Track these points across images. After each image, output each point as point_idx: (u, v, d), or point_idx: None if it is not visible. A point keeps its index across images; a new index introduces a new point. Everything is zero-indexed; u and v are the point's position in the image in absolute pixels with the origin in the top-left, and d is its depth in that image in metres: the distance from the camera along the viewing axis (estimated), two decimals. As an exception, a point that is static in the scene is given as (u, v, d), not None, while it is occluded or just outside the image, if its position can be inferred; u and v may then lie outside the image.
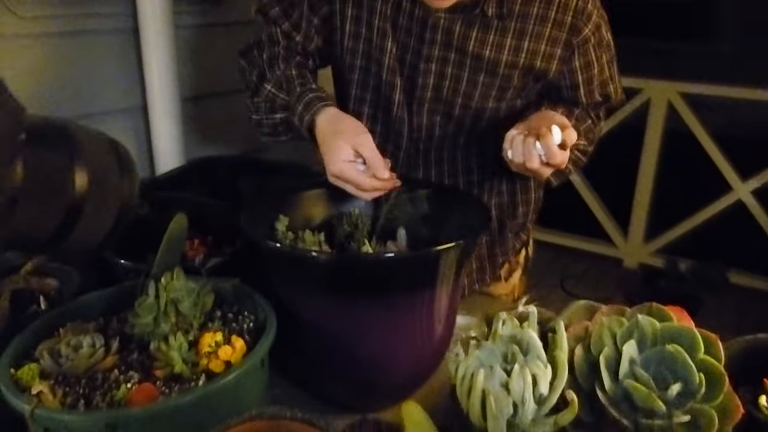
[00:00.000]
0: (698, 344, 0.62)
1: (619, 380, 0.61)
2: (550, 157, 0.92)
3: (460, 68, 1.12)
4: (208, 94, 1.85)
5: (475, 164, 1.26)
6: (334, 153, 0.98)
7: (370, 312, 0.92)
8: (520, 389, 0.59)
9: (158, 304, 0.87)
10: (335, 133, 1.00)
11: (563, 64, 1.13)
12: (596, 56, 1.15)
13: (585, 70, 1.15)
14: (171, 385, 0.83)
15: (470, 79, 1.12)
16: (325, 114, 1.02)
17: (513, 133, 0.99)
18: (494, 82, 1.13)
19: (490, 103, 1.16)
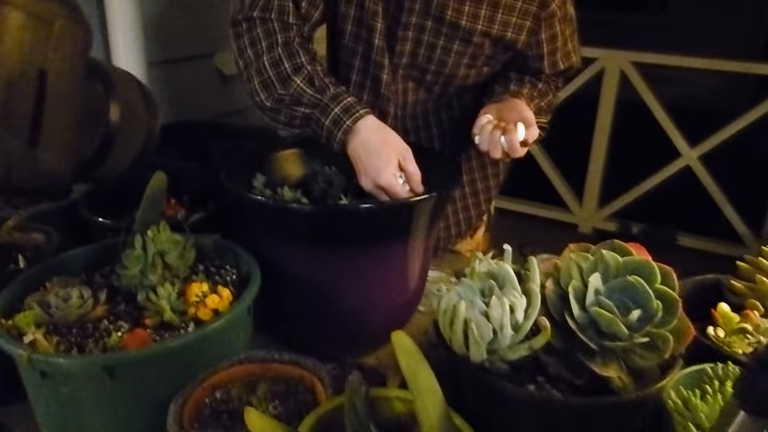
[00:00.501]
0: (656, 275, 0.69)
1: (586, 309, 0.68)
2: (512, 151, 1.04)
3: (436, 36, 1.15)
4: (175, 59, 1.84)
5: (448, 130, 1.32)
6: (386, 164, 0.98)
7: (349, 263, 0.97)
8: (498, 316, 0.65)
9: (146, 255, 0.89)
10: (385, 144, 1.00)
11: (531, 35, 1.19)
12: (561, 29, 1.21)
13: (550, 42, 1.21)
14: (161, 332, 0.86)
15: (445, 47, 1.16)
16: (369, 121, 1.01)
17: (483, 122, 1.07)
18: (467, 50, 1.17)
19: (461, 71, 1.20)
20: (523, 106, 1.12)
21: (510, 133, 1.02)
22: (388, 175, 0.97)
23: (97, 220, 1.11)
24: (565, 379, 0.69)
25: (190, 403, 0.78)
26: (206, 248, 1.02)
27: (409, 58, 1.19)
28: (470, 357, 0.67)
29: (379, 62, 1.18)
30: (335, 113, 1.01)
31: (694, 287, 0.95)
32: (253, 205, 0.97)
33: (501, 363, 0.68)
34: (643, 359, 0.67)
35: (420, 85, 1.24)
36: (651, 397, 0.65)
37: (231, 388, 0.82)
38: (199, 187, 1.29)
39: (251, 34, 1.08)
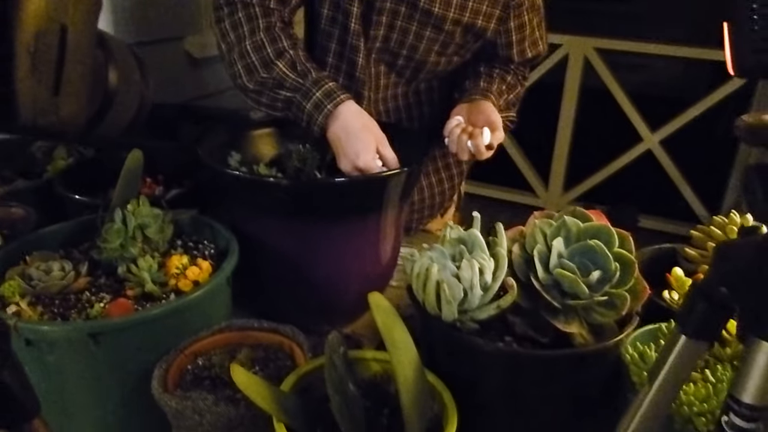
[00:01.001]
0: (614, 239, 0.74)
1: (549, 271, 0.72)
2: (477, 155, 1.12)
3: (409, 21, 1.19)
4: (144, 41, 1.84)
5: (417, 115, 1.36)
6: (365, 148, 1.01)
7: (325, 235, 1.00)
8: (469, 277, 0.69)
9: (126, 229, 0.92)
10: (365, 129, 1.03)
11: (500, 24, 1.23)
12: (528, 18, 1.26)
13: (518, 30, 1.26)
14: (143, 303, 0.88)
15: (417, 33, 1.20)
16: (349, 107, 1.04)
17: (452, 125, 1.15)
18: (438, 38, 1.20)
19: (432, 57, 1.24)
20: (491, 110, 1.19)
21: (476, 138, 1.10)
22: (367, 158, 1.00)
23: (74, 198, 1.12)
24: (531, 338, 0.74)
25: (173, 369, 0.81)
26: (184, 224, 1.04)
27: (382, 42, 1.22)
28: (442, 316, 0.71)
29: (355, 46, 1.21)
30: (316, 97, 1.03)
31: (652, 255, 1.01)
32: (231, 180, 0.99)
33: (471, 323, 0.73)
34: (602, 316, 0.72)
35: (392, 69, 1.27)
36: (609, 350, 0.70)
37: (212, 355, 0.85)
38: (173, 166, 1.31)
39: (233, 19, 1.09)
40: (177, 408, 0.72)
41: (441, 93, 1.37)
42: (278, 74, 1.05)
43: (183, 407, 0.72)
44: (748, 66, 0.38)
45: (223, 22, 1.10)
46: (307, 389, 0.74)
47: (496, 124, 1.15)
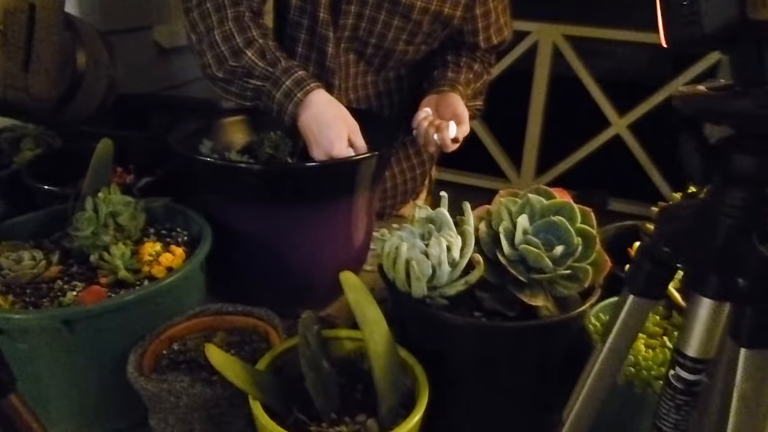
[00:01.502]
0: (576, 215, 0.76)
1: (515, 246, 0.74)
2: (444, 147, 1.16)
3: (377, 10, 1.20)
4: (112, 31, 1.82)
5: (387, 104, 1.37)
6: (338, 137, 1.01)
7: (297, 220, 1.01)
8: (437, 254, 0.71)
9: (98, 217, 0.92)
10: (337, 118, 1.03)
11: (466, 11, 1.25)
12: (494, 5, 1.29)
13: (484, 17, 1.28)
14: (116, 290, 0.89)
15: (385, 22, 1.21)
16: (320, 95, 1.04)
17: (420, 117, 1.18)
18: (406, 27, 1.22)
19: (400, 46, 1.26)
20: (458, 102, 1.22)
21: (442, 132, 1.14)
22: (341, 147, 1.01)
23: (44, 188, 1.12)
24: (499, 312, 0.76)
25: (148, 354, 0.82)
26: (156, 212, 1.05)
27: (351, 31, 1.23)
28: (412, 293, 0.73)
29: (324, 35, 1.22)
30: (286, 86, 1.04)
31: (616, 232, 1.04)
32: (203, 167, 1.00)
33: (440, 298, 0.75)
34: (566, 289, 0.74)
35: (361, 58, 1.28)
36: (573, 320, 0.73)
37: (187, 340, 0.86)
38: (144, 155, 1.30)
39: (201, 9, 1.09)
40: (153, 391, 0.73)
41: (410, 81, 1.38)
42: (247, 63, 1.05)
43: (159, 390, 0.73)
44: (680, 38, 0.41)
45: (192, 12, 1.10)
46: (282, 368, 0.76)
47: (462, 117, 1.18)
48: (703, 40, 0.40)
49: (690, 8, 0.38)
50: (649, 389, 0.67)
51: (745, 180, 0.45)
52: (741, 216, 0.46)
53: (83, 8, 1.65)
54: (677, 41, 0.41)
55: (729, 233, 0.47)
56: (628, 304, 0.53)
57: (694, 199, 0.48)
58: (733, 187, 0.46)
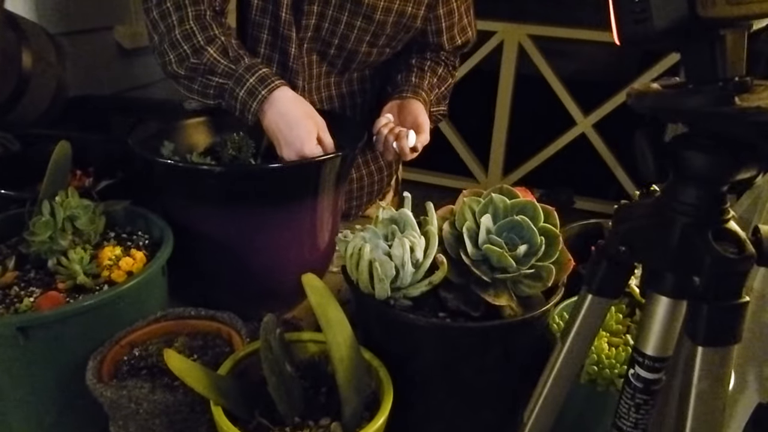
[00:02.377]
0: (539, 215, 0.77)
1: (479, 246, 0.75)
2: (402, 155, 1.16)
3: (340, 11, 1.19)
4: (73, 31, 1.78)
5: (349, 106, 1.36)
6: (308, 135, 1.00)
7: (261, 222, 1.00)
8: (400, 255, 0.71)
9: (55, 221, 0.90)
10: (305, 116, 1.02)
11: (429, 10, 1.25)
12: (456, 5, 1.30)
13: (447, 17, 1.29)
14: (75, 296, 0.87)
15: (348, 23, 1.20)
16: (285, 92, 1.02)
17: (381, 123, 1.18)
18: (369, 28, 1.21)
19: (363, 48, 1.25)
20: (420, 111, 1.22)
21: (401, 140, 1.14)
22: (311, 146, 1.00)
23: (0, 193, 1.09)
24: (464, 313, 0.76)
25: (108, 360, 0.80)
26: (117, 215, 1.03)
27: (313, 31, 1.22)
28: (376, 294, 0.73)
29: (287, 36, 1.21)
30: (250, 84, 1.02)
31: (579, 231, 1.05)
32: (163, 170, 0.98)
33: (404, 300, 0.74)
34: (529, 288, 0.75)
35: (324, 58, 1.28)
36: (537, 319, 0.73)
37: (149, 345, 0.84)
38: (104, 158, 1.28)
39: (161, 8, 1.07)
40: (112, 398, 0.71)
41: (374, 84, 1.38)
42: (209, 60, 1.03)
43: (119, 396, 0.71)
44: (632, 36, 0.41)
45: (152, 12, 1.07)
46: (244, 373, 0.75)
47: (422, 126, 1.19)
48: (655, 38, 0.40)
49: (640, 5, 0.38)
50: (612, 387, 0.68)
51: (699, 178, 0.46)
52: (695, 214, 0.46)
53: (42, 9, 1.61)
54: (629, 39, 0.42)
55: (684, 232, 0.47)
56: (587, 303, 0.53)
57: (650, 198, 0.48)
58: (687, 185, 0.46)
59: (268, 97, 1.01)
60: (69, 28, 1.77)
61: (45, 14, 1.64)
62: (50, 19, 1.68)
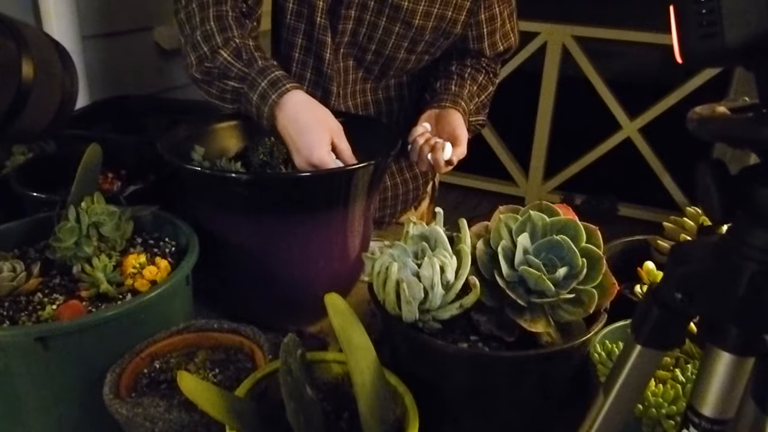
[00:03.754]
0: (581, 234, 0.72)
1: (515, 267, 0.70)
2: (437, 168, 1.11)
3: (378, 16, 1.15)
4: (112, 32, 1.79)
5: (386, 111, 1.32)
6: (319, 141, 0.96)
7: (289, 232, 0.97)
8: (429, 276, 0.66)
9: (80, 227, 0.88)
10: (318, 121, 0.98)
11: (470, 16, 1.20)
12: (499, 10, 1.24)
13: (489, 22, 1.24)
14: (97, 304, 0.85)
15: (386, 28, 1.16)
16: (297, 96, 0.98)
17: (418, 132, 1.13)
18: (408, 34, 1.17)
19: (401, 54, 1.21)
20: (458, 122, 1.16)
21: (436, 152, 1.09)
22: (321, 153, 0.96)
23: (31, 195, 1.08)
24: (497, 337, 0.71)
25: (127, 373, 0.78)
26: (145, 220, 1.01)
27: (350, 36, 1.18)
28: (403, 317, 0.69)
29: (322, 41, 1.18)
30: (262, 87, 0.98)
31: (624, 247, 0.99)
32: (191, 176, 0.96)
33: (434, 322, 0.70)
34: (569, 314, 0.70)
35: (361, 64, 1.24)
36: (576, 349, 0.68)
37: (170, 358, 0.82)
38: (137, 160, 1.27)
39: (187, 9, 1.06)
40: (128, 415, 0.69)
41: (411, 91, 1.34)
42: (222, 63, 1.01)
43: (134, 414, 0.69)
44: (695, 53, 0.35)
45: (180, 13, 1.07)
46: (264, 393, 0.71)
47: (460, 138, 1.13)
48: (724, 55, 0.34)
49: (709, 17, 0.32)
50: (659, 429, 0.62)
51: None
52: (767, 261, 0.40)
53: (83, 9, 1.62)
54: (694, 56, 0.36)
55: (753, 280, 0.40)
56: (635, 354, 0.47)
57: (712, 236, 0.41)
58: (758, 226, 0.39)
59: (278, 102, 0.97)
60: (109, 29, 1.77)
61: (85, 15, 1.65)
62: (90, 20, 1.68)
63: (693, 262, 0.42)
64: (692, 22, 0.33)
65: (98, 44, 1.74)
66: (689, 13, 0.34)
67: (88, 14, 1.67)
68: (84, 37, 1.64)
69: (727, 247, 0.40)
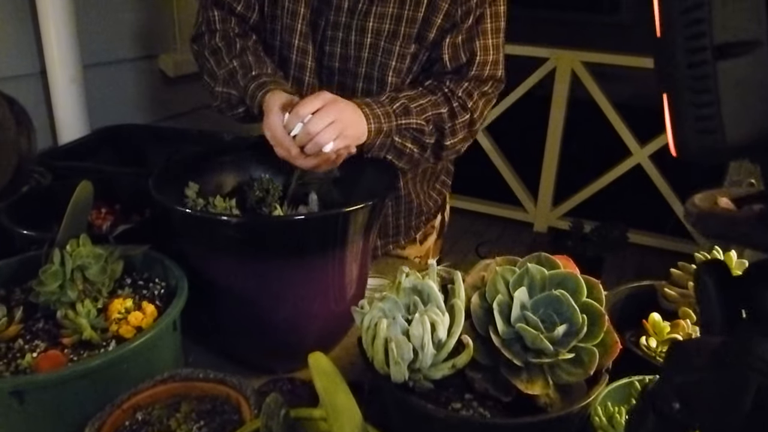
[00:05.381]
0: (582, 288, 0.68)
1: (511, 324, 0.66)
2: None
3: (362, 34, 1.13)
4: (115, 60, 1.78)
5: None
6: (270, 113, 1.00)
7: (283, 274, 0.94)
8: (419, 335, 0.63)
9: (64, 271, 0.85)
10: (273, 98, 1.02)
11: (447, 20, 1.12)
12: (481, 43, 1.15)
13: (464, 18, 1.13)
14: (80, 352, 0.82)
15: (371, 45, 1.14)
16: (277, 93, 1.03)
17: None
18: (393, 49, 1.14)
19: (391, 76, 1.16)
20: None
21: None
22: (272, 125, 0.98)
23: (21, 232, 1.06)
24: (492, 397, 0.68)
25: (107, 426, 0.74)
26: (135, 260, 0.98)
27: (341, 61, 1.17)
28: (392, 376, 0.65)
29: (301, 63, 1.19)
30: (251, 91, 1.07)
31: (629, 293, 0.95)
32: (182, 218, 0.93)
33: (425, 381, 0.66)
34: (569, 375, 0.66)
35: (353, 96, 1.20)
36: (576, 413, 0.64)
37: (153, 409, 0.79)
38: (134, 193, 1.25)
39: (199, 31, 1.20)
40: (103, 477, 0.66)
41: None
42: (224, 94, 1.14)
43: (109, 477, 0.65)
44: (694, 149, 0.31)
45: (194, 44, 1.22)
46: (247, 454, 0.68)
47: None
48: (726, 152, 0.30)
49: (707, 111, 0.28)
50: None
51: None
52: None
53: (86, 38, 1.61)
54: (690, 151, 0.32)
55: (760, 395, 0.35)
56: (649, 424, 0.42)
57: (713, 341, 0.37)
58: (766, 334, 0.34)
59: (263, 101, 1.04)
60: (111, 57, 1.77)
61: (87, 44, 1.64)
62: (92, 48, 1.68)
63: (693, 369, 0.37)
64: (688, 115, 0.30)
65: (100, 72, 1.73)
66: (684, 104, 0.30)
67: (91, 43, 1.66)
68: (85, 66, 1.63)
69: (730, 355, 0.36)
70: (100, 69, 1.73)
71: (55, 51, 1.55)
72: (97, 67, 1.71)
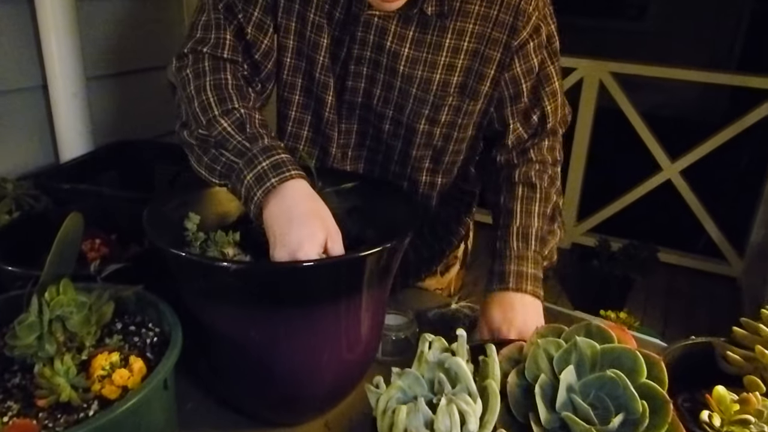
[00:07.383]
0: (641, 368, 0.57)
1: (556, 410, 0.55)
2: None
3: (392, 75, 1.03)
4: (120, 72, 1.70)
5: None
6: (311, 238, 0.81)
7: (289, 323, 0.84)
8: (446, 429, 0.52)
9: (41, 321, 0.76)
10: (317, 216, 0.83)
11: (502, 70, 1.04)
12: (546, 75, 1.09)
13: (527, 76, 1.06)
14: (56, 415, 0.72)
15: (402, 90, 1.03)
16: (299, 185, 0.85)
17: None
18: (427, 97, 1.04)
19: (422, 124, 1.06)
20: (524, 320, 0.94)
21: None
22: (310, 249, 0.80)
23: (5, 269, 0.97)
24: (533, 492, 0.57)
25: None
26: (128, 300, 0.89)
27: (364, 97, 1.07)
28: (414, 475, 0.54)
29: (321, 98, 1.07)
30: (261, 168, 0.85)
31: (684, 351, 0.83)
32: (174, 260, 0.83)
33: (452, 478, 0.55)
34: (625, 475, 0.55)
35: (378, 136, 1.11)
36: None
37: (138, 487, 0.69)
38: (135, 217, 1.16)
39: (181, 75, 1.00)
40: None
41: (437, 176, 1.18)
42: (220, 133, 0.90)
43: None
44: None
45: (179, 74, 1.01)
46: None
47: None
48: None
49: None
50: None
51: None
52: None
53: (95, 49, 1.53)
54: None
55: None
56: None
57: None
58: None
59: (277, 188, 0.84)
60: (117, 69, 1.68)
61: (91, 55, 1.56)
62: (96, 60, 1.60)
63: None
64: None
65: (104, 85, 1.65)
66: None
67: (94, 54, 1.58)
68: (88, 78, 1.54)
69: None
70: (104, 82, 1.64)
71: (56, 64, 1.47)
72: (101, 79, 1.63)
